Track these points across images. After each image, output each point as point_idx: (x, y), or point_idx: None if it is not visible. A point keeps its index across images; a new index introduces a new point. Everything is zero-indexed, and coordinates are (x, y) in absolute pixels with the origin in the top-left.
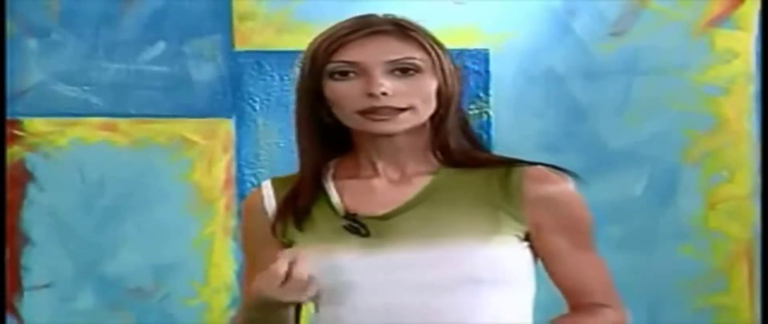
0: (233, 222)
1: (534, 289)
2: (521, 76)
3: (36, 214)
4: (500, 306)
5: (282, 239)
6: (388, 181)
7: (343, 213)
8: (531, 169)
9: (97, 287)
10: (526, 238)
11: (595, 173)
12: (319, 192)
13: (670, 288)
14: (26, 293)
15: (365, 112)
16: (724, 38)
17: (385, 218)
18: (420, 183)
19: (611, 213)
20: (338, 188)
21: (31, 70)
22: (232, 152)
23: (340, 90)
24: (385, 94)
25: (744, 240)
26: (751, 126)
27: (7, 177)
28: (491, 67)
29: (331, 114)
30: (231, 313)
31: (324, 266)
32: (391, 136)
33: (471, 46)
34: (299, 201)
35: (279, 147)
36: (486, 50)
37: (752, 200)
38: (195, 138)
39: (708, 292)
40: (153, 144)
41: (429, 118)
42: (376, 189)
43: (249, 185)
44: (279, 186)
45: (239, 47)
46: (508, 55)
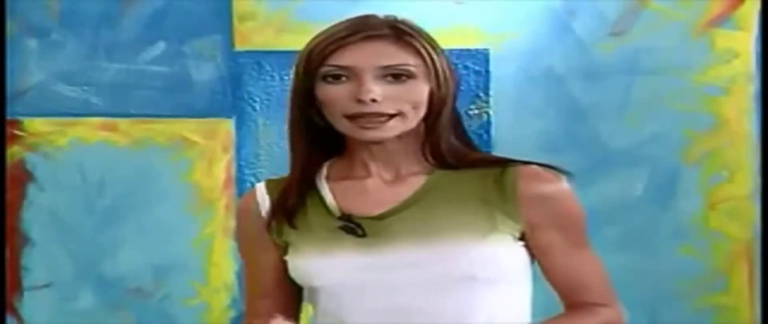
0: (233, 222)
1: (530, 289)
2: (521, 76)
3: (36, 214)
4: (496, 304)
5: (278, 240)
6: (382, 182)
7: (339, 214)
8: (525, 169)
9: (97, 287)
10: (522, 238)
11: (595, 173)
12: (313, 193)
13: (670, 288)
14: (26, 293)
15: (354, 117)
16: (724, 38)
17: (381, 218)
18: (415, 183)
19: (611, 213)
20: (332, 189)
21: (31, 70)
22: (232, 152)
23: (331, 93)
24: (375, 101)
25: (744, 240)
26: (751, 126)
27: (7, 177)
28: (491, 67)
29: (323, 116)
30: (231, 314)
31: (320, 267)
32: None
33: (471, 46)
34: (289, 201)
35: (279, 147)
36: (486, 50)
37: (752, 200)
38: (195, 138)
39: (708, 292)
40: (153, 144)
41: (422, 121)
42: (371, 189)
43: (249, 185)
44: (273, 188)
45: (239, 47)
46: (508, 55)
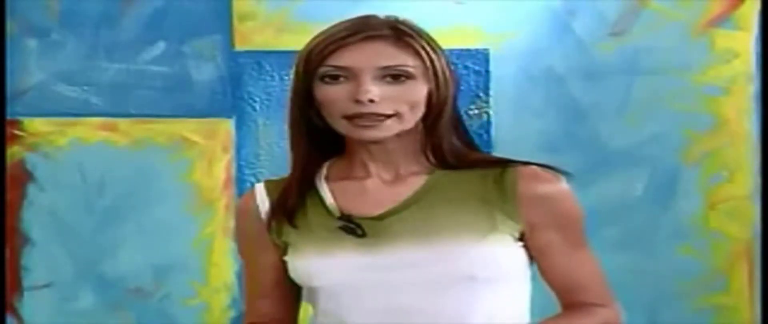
0: (233, 222)
1: (529, 289)
2: (521, 76)
3: (36, 214)
4: (496, 304)
5: (277, 241)
6: (382, 182)
7: (338, 214)
8: (525, 169)
9: (97, 287)
10: (521, 238)
11: (595, 173)
12: (313, 193)
13: (670, 288)
14: (26, 293)
15: (351, 118)
16: (724, 38)
17: (381, 218)
18: (414, 183)
19: (611, 213)
20: (332, 189)
21: (31, 70)
22: (232, 152)
23: (330, 94)
24: (372, 101)
25: (744, 240)
26: (751, 126)
27: (7, 177)
28: (491, 67)
29: (322, 117)
30: (231, 313)
31: (320, 267)
32: (381, 140)
33: (471, 46)
34: (289, 201)
35: (279, 147)
36: (486, 50)
37: (752, 200)
38: (195, 138)
39: (708, 292)
40: (153, 144)
41: (421, 121)
42: (370, 190)
43: (249, 185)
44: (272, 188)
45: (239, 47)
46: (508, 55)
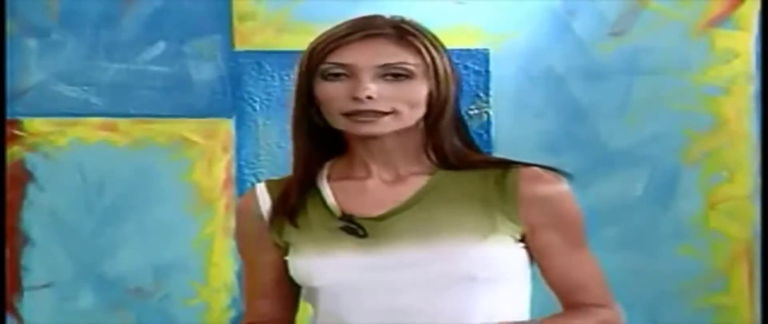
0: (233, 222)
1: (529, 290)
2: (521, 76)
3: (36, 214)
4: (496, 304)
5: (278, 240)
6: (382, 182)
7: (340, 214)
8: (526, 170)
9: (97, 287)
10: (522, 239)
11: (595, 173)
12: (314, 193)
13: (670, 288)
14: (26, 293)
15: (350, 115)
16: (724, 38)
17: (381, 219)
18: (415, 184)
19: (611, 213)
20: (333, 189)
21: (31, 70)
22: (232, 152)
23: (329, 91)
24: (371, 98)
25: (744, 240)
26: (751, 126)
27: (7, 177)
28: (491, 67)
29: (322, 115)
30: (231, 313)
31: (320, 267)
32: (380, 138)
33: (471, 46)
34: (290, 200)
35: (279, 147)
36: (486, 50)
37: (752, 200)
38: (195, 138)
39: (708, 292)
40: (153, 144)
41: (423, 121)
42: (371, 190)
43: (249, 185)
44: (273, 188)
45: (239, 47)
46: (508, 55)
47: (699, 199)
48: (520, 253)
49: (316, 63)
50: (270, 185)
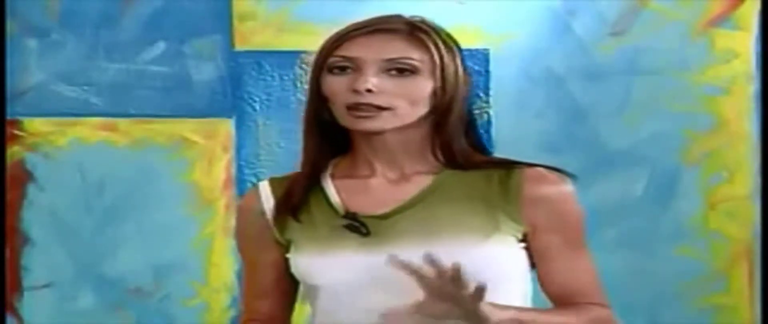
0: (233, 222)
1: (530, 290)
2: (521, 77)
3: (36, 214)
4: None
5: (280, 238)
6: (387, 181)
7: (343, 212)
8: (530, 171)
9: (97, 287)
10: (524, 239)
11: (595, 173)
12: (318, 191)
13: (670, 288)
14: (26, 293)
15: (351, 108)
16: (724, 38)
17: (385, 217)
18: (420, 183)
19: (611, 213)
20: (337, 187)
21: (31, 70)
22: (232, 152)
23: (334, 84)
24: (370, 91)
25: (744, 240)
26: (751, 126)
27: (7, 177)
28: (491, 67)
29: (330, 111)
30: (231, 313)
31: (321, 265)
32: (382, 135)
33: (471, 46)
34: (296, 196)
35: (279, 147)
36: (486, 50)
37: (752, 200)
38: (195, 138)
39: (708, 292)
40: (153, 144)
41: (429, 119)
42: (375, 188)
43: (249, 185)
44: (277, 186)
45: (239, 47)
46: (509, 55)
47: (699, 199)
48: (522, 254)
49: (325, 57)
50: (273, 183)
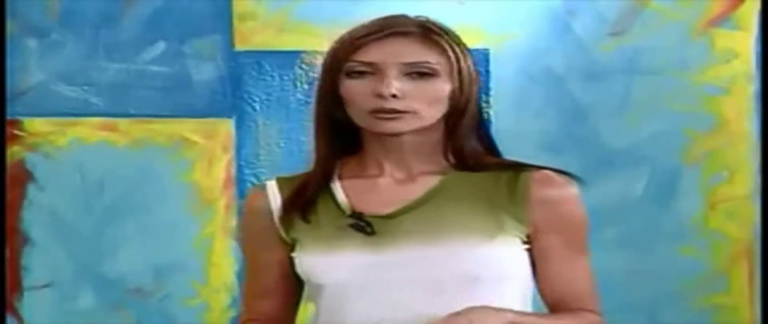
0: (233, 222)
1: (532, 290)
2: (521, 76)
3: (36, 214)
4: (500, 304)
5: (286, 237)
6: (394, 181)
7: (350, 212)
8: (538, 173)
9: (97, 287)
10: (528, 241)
11: (595, 173)
12: (325, 191)
13: (670, 288)
14: (26, 293)
15: (374, 112)
16: (724, 38)
17: (391, 217)
18: (427, 183)
19: (611, 213)
20: (344, 187)
21: (31, 70)
22: (232, 152)
23: (354, 89)
24: (395, 96)
25: (744, 240)
26: (751, 126)
27: (7, 177)
28: (491, 67)
29: (345, 112)
30: (231, 313)
31: (326, 264)
32: (399, 136)
33: (472, 46)
34: (307, 195)
35: (279, 147)
36: (486, 50)
37: (752, 200)
38: (195, 138)
39: (708, 292)
40: (153, 144)
41: (443, 121)
42: (382, 188)
43: (249, 185)
44: (284, 185)
45: (239, 47)
46: (509, 55)
47: (699, 199)
48: (525, 255)
49: (342, 61)
50: (281, 183)
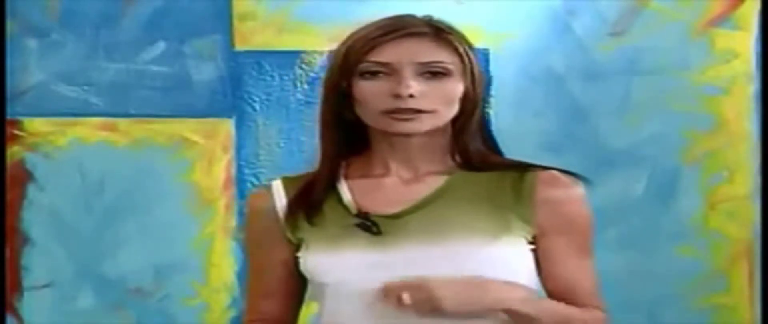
0: (233, 222)
1: (536, 291)
2: (521, 76)
3: (36, 214)
4: None
5: (291, 237)
6: (401, 181)
7: (355, 211)
8: (544, 174)
9: (97, 287)
10: (533, 242)
11: (595, 173)
12: (330, 190)
13: (670, 288)
14: (26, 293)
15: (389, 112)
16: (724, 38)
17: (397, 217)
18: (433, 183)
19: (611, 213)
20: (350, 187)
21: (31, 70)
22: (232, 152)
23: (368, 89)
24: (412, 96)
25: (744, 240)
26: (751, 126)
27: (7, 177)
28: (491, 67)
29: (354, 112)
30: (231, 313)
31: (330, 263)
32: (409, 136)
33: None
34: (314, 195)
35: (279, 147)
36: (486, 50)
37: (752, 200)
38: (195, 138)
39: (708, 292)
40: (153, 144)
41: (451, 121)
42: (388, 188)
43: (249, 185)
44: (289, 185)
45: (239, 47)
46: (509, 55)
47: (699, 199)
48: (531, 256)
49: (355, 62)
50: (286, 182)
